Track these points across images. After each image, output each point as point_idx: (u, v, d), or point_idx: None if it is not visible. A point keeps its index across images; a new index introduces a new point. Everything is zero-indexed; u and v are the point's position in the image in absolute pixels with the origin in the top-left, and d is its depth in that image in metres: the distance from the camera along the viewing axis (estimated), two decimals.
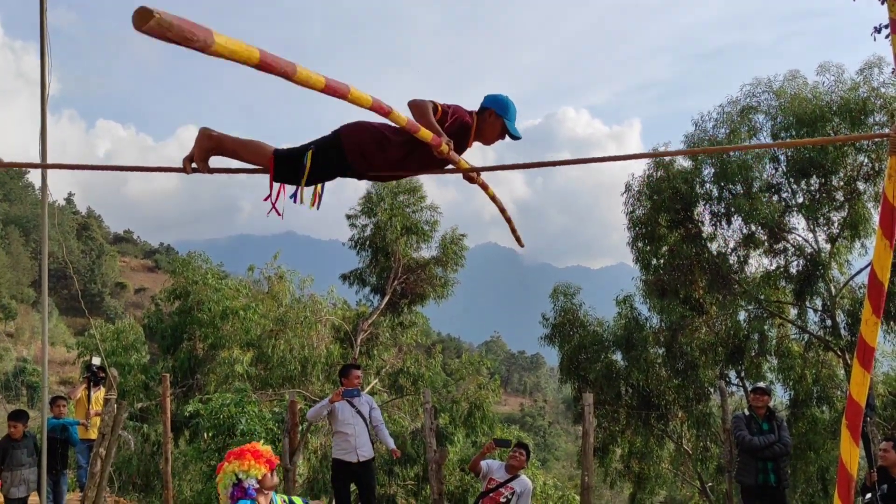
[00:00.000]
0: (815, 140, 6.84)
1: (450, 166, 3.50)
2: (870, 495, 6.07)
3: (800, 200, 17.89)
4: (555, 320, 19.61)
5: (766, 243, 18.34)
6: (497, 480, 6.96)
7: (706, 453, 18.67)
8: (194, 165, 3.34)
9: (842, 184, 17.23)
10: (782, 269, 18.26)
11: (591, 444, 8.52)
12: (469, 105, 3.60)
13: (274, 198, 3.28)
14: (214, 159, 3.40)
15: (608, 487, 22.32)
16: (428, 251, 21.16)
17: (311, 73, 2.10)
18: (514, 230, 4.29)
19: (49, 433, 8.51)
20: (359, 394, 7.65)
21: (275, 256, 21.92)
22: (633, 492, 19.72)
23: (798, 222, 18.16)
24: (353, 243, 21.20)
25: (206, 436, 14.20)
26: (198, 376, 19.40)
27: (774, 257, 18.44)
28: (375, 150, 3.34)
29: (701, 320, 18.25)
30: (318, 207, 3.37)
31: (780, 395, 17.67)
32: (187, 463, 15.77)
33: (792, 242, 18.14)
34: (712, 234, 18.65)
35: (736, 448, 7.86)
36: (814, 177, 17.46)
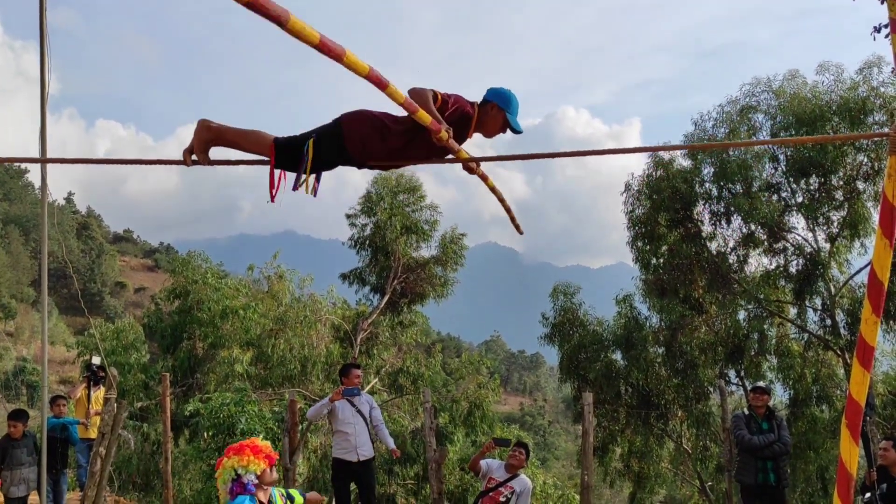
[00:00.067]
0: (815, 138, 6.84)
1: (450, 156, 3.48)
2: (869, 494, 6.08)
3: (799, 200, 17.90)
4: (554, 320, 19.61)
5: (765, 243, 18.34)
6: (497, 480, 6.97)
7: (706, 452, 18.67)
8: (194, 157, 3.32)
9: (841, 183, 17.23)
10: (782, 269, 18.26)
11: (591, 444, 8.52)
12: (471, 97, 3.57)
13: (275, 186, 3.27)
14: (214, 151, 3.38)
15: (608, 486, 22.33)
16: (428, 250, 21.13)
17: (305, 26, 2.05)
18: (513, 218, 4.29)
19: (49, 432, 8.51)
20: (359, 393, 7.66)
21: (274, 256, 21.90)
22: (632, 491, 19.73)
23: (798, 222, 18.18)
24: (353, 243, 21.17)
25: (205, 435, 14.19)
26: (197, 375, 19.39)
27: (774, 257, 18.45)
28: (376, 139, 3.33)
29: (700, 320, 18.25)
30: (314, 195, 3.35)
31: (779, 395, 17.67)
32: (187, 462, 15.76)
33: (791, 242, 18.14)
34: (712, 234, 18.65)
35: (736, 447, 7.87)
36: (813, 176, 17.46)
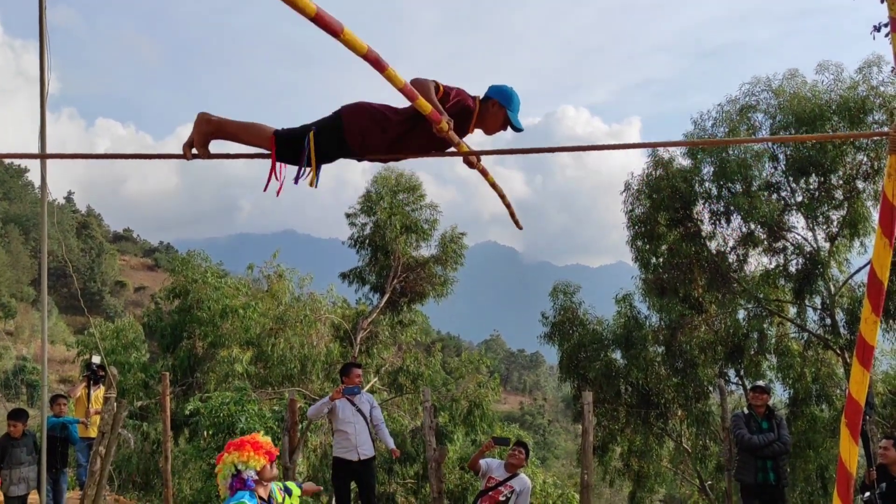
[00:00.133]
0: (815, 136, 6.85)
1: (451, 149, 3.46)
2: (868, 493, 6.09)
3: (799, 199, 17.88)
4: (554, 319, 19.59)
5: (765, 242, 18.33)
6: (496, 479, 6.98)
7: (705, 452, 18.68)
8: (194, 151, 3.32)
9: (841, 182, 17.22)
10: (781, 268, 18.25)
11: (591, 443, 8.52)
12: (473, 92, 3.55)
13: (278, 179, 3.27)
14: (214, 145, 3.37)
15: (608, 486, 22.34)
16: (427, 250, 21.11)
17: None
18: (512, 214, 4.28)
19: (49, 431, 8.53)
20: (359, 391, 7.67)
21: (274, 255, 21.88)
22: (632, 490, 19.72)
23: (797, 221, 18.16)
24: (353, 242, 21.15)
25: (205, 434, 14.21)
26: (197, 375, 19.39)
27: (774, 256, 18.43)
28: (376, 131, 3.32)
29: (700, 319, 18.25)
30: (316, 186, 3.32)
31: (779, 394, 17.66)
32: (187, 461, 15.77)
33: (791, 241, 18.13)
34: (711, 233, 18.63)
35: (735, 446, 7.87)
36: (813, 175, 17.45)
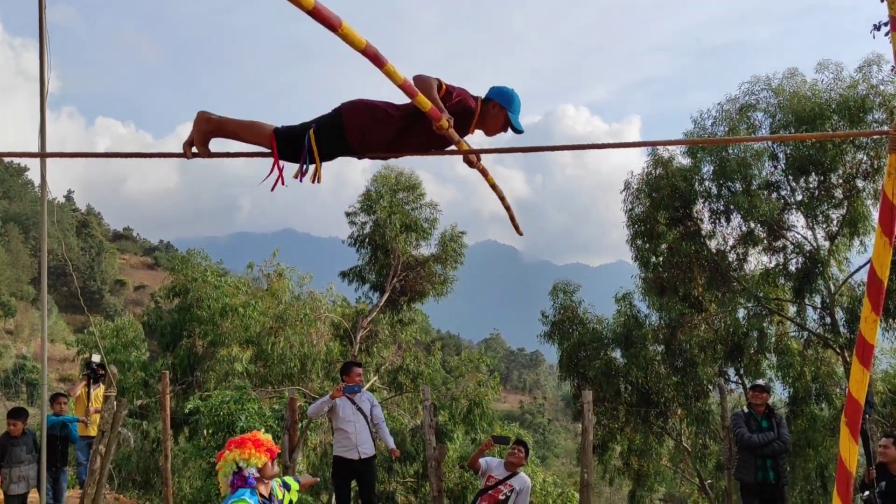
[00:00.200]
0: (815, 135, 6.84)
1: (451, 147, 3.46)
2: (868, 492, 6.09)
3: (799, 198, 17.87)
4: (554, 318, 19.59)
5: (765, 241, 18.32)
6: (496, 478, 6.98)
7: (705, 450, 18.69)
8: (194, 150, 3.32)
9: (841, 181, 17.20)
10: (781, 267, 18.24)
11: (591, 442, 8.52)
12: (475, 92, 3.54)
13: (282, 178, 3.27)
14: (214, 144, 3.38)
15: (607, 484, 22.37)
16: (427, 248, 21.10)
17: None
18: (512, 217, 4.28)
19: (49, 430, 8.54)
20: (359, 389, 7.69)
21: (274, 254, 21.86)
22: (632, 489, 19.73)
23: (797, 220, 18.13)
24: (353, 241, 21.14)
25: (205, 433, 14.18)
26: (197, 373, 19.38)
27: (773, 255, 18.42)
28: (376, 128, 3.31)
29: (700, 318, 18.25)
30: (319, 181, 3.32)
31: (779, 393, 17.67)
32: (187, 460, 15.75)
33: (791, 240, 18.12)
34: (711, 232, 18.62)
35: (735, 445, 7.88)
36: (813, 174, 17.43)
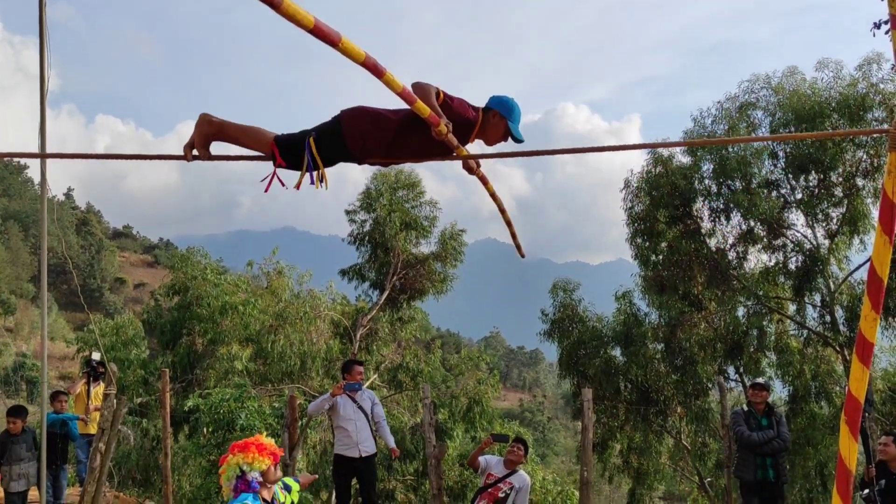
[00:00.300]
0: (814, 134, 6.83)
1: (451, 154, 3.47)
2: (868, 490, 6.10)
3: (798, 196, 17.87)
4: (554, 316, 19.60)
5: (764, 239, 18.32)
6: (495, 476, 6.99)
7: (705, 449, 18.70)
8: (195, 153, 3.32)
9: (840, 180, 17.20)
10: (781, 265, 18.24)
11: (591, 440, 8.53)
12: (472, 95, 3.57)
13: (282, 183, 3.29)
14: (215, 147, 3.38)
15: (607, 482, 22.38)
16: (427, 247, 21.10)
17: (299, 9, 2.03)
18: (513, 235, 4.27)
19: (49, 428, 8.55)
20: (360, 387, 7.70)
21: (273, 252, 21.85)
22: (632, 487, 19.74)
23: (797, 218, 18.13)
24: (353, 239, 21.13)
25: (205, 431, 14.19)
26: (197, 371, 19.37)
27: (773, 253, 18.42)
28: (376, 135, 3.32)
29: (700, 316, 18.25)
30: (326, 187, 3.33)
31: (778, 391, 17.69)
32: (187, 458, 15.75)
33: (791, 238, 18.12)
34: (711, 230, 18.62)
35: (735, 443, 7.88)
36: (813, 173, 17.43)
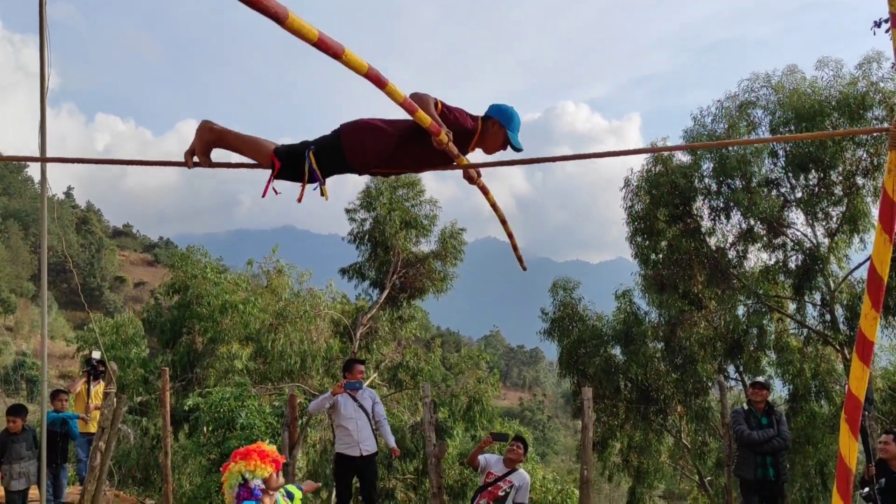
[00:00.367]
0: (814, 135, 6.85)
1: (452, 163, 3.48)
2: (868, 489, 6.10)
3: (798, 195, 17.87)
4: (554, 315, 19.60)
5: (764, 238, 18.32)
6: (495, 474, 7.00)
7: (705, 447, 18.71)
8: (196, 159, 3.34)
9: (841, 178, 17.20)
10: (781, 264, 18.25)
11: (590, 438, 8.53)
12: (475, 109, 3.54)
13: (271, 193, 3.30)
14: (216, 154, 3.40)
15: (607, 481, 22.37)
16: (427, 245, 21.09)
17: (304, 23, 2.05)
18: (515, 247, 4.28)
19: (49, 427, 8.54)
20: (360, 386, 7.71)
21: (273, 250, 21.85)
22: (631, 486, 19.75)
23: (797, 217, 18.14)
24: (353, 237, 21.12)
25: (205, 430, 14.20)
26: (197, 370, 19.39)
27: (773, 252, 18.42)
28: (375, 147, 3.33)
29: (700, 315, 18.25)
30: (326, 199, 3.35)
31: (778, 390, 17.68)
32: (187, 457, 15.77)
33: (791, 237, 18.13)
34: (711, 229, 18.62)
35: (735, 442, 7.88)
36: (813, 171, 17.43)
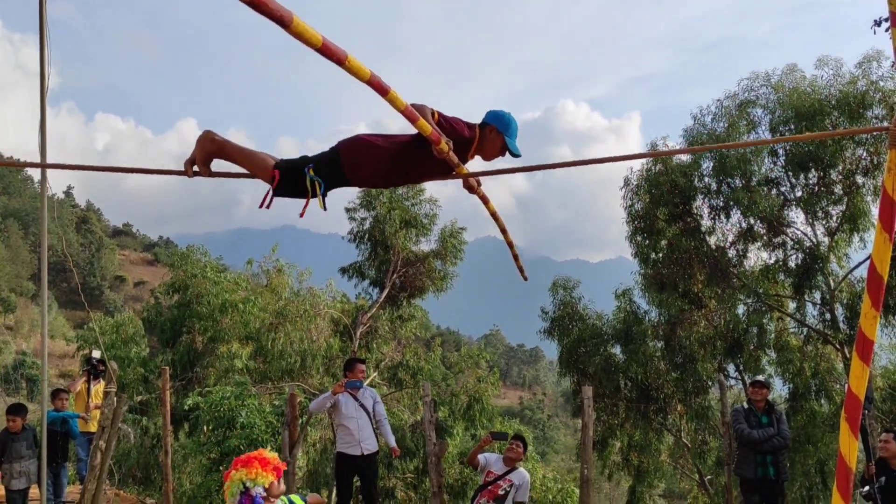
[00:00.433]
0: (814, 135, 6.84)
1: (451, 173, 3.51)
2: (868, 488, 6.11)
3: (798, 194, 17.87)
4: (554, 314, 19.61)
5: (764, 237, 18.32)
6: (495, 473, 7.00)
7: (705, 446, 18.71)
8: (195, 169, 3.37)
9: (840, 177, 17.20)
10: (781, 263, 18.25)
11: (591, 437, 8.53)
12: (476, 110, 3.54)
13: (268, 205, 3.35)
14: (215, 163, 3.42)
15: (607, 480, 22.37)
16: (427, 244, 21.06)
17: (308, 28, 2.04)
18: (515, 256, 4.31)
19: (49, 426, 8.55)
20: (361, 384, 7.72)
21: (273, 249, 21.84)
22: (632, 484, 19.75)
23: (797, 216, 18.15)
24: (352, 236, 21.10)
25: (205, 429, 14.19)
26: (197, 369, 19.38)
27: (773, 251, 18.43)
28: (372, 163, 3.36)
29: (700, 314, 18.25)
30: (325, 210, 3.38)
31: (778, 389, 17.69)
32: (187, 456, 15.76)
33: (791, 236, 18.13)
34: (711, 228, 18.63)
35: (735, 441, 7.89)
36: (812, 170, 17.43)
